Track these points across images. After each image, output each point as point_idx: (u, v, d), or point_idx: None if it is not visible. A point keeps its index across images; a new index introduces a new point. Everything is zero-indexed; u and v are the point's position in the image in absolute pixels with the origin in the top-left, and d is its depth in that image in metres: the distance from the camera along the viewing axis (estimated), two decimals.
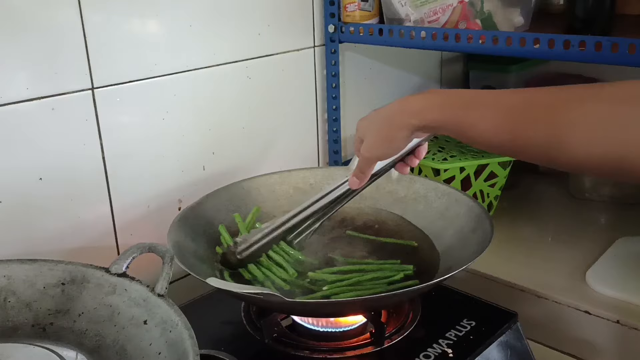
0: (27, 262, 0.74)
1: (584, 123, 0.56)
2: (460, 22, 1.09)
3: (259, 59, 1.13)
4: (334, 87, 1.25)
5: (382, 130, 0.73)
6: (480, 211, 0.94)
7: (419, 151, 0.80)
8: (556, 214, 1.30)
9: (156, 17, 0.97)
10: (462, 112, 0.65)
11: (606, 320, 0.94)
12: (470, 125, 0.64)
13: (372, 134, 0.74)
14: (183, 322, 0.67)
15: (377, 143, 0.74)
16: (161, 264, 0.73)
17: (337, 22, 1.18)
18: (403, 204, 1.05)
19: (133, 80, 0.95)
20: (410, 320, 0.91)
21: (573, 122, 0.56)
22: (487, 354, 0.86)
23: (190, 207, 0.98)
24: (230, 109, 1.11)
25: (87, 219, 0.94)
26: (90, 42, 0.89)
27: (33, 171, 0.88)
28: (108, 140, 0.94)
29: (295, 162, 1.21)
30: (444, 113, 0.66)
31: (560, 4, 1.30)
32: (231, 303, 0.93)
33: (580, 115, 0.56)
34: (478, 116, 0.63)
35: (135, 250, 0.74)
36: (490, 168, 1.16)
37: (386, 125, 0.72)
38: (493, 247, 0.84)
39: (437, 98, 0.68)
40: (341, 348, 0.86)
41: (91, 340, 0.71)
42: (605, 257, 1.07)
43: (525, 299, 1.01)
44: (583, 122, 0.56)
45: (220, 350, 0.85)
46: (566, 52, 0.92)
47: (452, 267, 0.85)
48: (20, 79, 0.84)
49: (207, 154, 1.09)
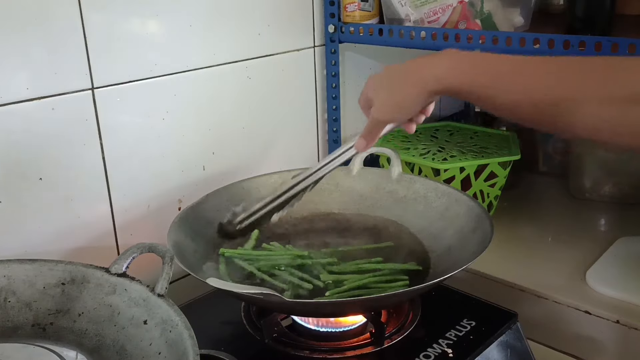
0: (27, 262, 0.74)
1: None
2: (460, 22, 1.09)
3: (259, 59, 1.13)
4: (334, 87, 1.25)
5: (397, 93, 0.69)
6: (480, 211, 0.94)
7: (427, 109, 0.76)
8: (556, 214, 1.30)
9: (156, 17, 0.97)
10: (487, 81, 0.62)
11: (606, 320, 0.94)
12: (494, 95, 0.62)
13: (385, 97, 0.71)
14: (183, 322, 0.67)
15: (390, 107, 0.70)
16: (161, 264, 0.73)
17: (337, 22, 1.18)
18: (403, 204, 1.05)
19: (133, 80, 0.95)
20: (410, 320, 0.90)
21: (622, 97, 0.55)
22: (487, 354, 0.86)
23: (190, 207, 0.98)
24: (230, 109, 1.11)
25: (87, 219, 0.94)
26: (90, 42, 0.89)
27: (33, 171, 0.87)
28: (108, 140, 0.94)
29: (295, 162, 1.21)
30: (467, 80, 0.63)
31: (560, 4, 1.30)
32: (231, 303, 0.93)
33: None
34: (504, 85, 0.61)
35: (135, 250, 0.74)
36: (490, 168, 1.16)
37: (401, 89, 0.68)
38: (493, 247, 0.83)
39: (460, 63, 0.65)
40: (341, 348, 0.86)
41: (91, 340, 0.71)
42: (605, 257, 1.07)
43: (525, 299, 1.01)
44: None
45: (220, 350, 0.85)
46: (566, 52, 0.92)
47: (452, 267, 0.85)
48: (20, 79, 0.84)
49: (207, 154, 1.09)
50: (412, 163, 1.19)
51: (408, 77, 0.68)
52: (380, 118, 0.73)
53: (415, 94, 0.67)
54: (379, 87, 0.72)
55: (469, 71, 0.64)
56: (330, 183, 1.07)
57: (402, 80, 0.69)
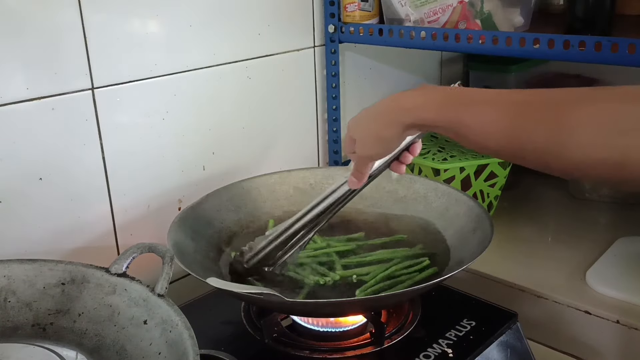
0: (27, 262, 0.74)
1: (586, 125, 0.54)
2: (460, 22, 1.09)
3: (259, 59, 1.13)
4: (334, 87, 1.25)
5: (374, 129, 0.71)
6: (480, 211, 0.94)
7: (413, 148, 0.78)
8: (556, 214, 1.30)
9: (156, 17, 0.97)
10: (459, 112, 0.63)
11: (606, 320, 0.94)
12: (466, 125, 0.62)
13: (364, 133, 0.72)
14: (183, 322, 0.67)
15: (370, 142, 0.72)
16: (161, 264, 0.73)
17: (337, 22, 1.18)
18: (403, 204, 1.05)
19: (133, 80, 0.95)
20: (410, 320, 0.91)
21: (574, 124, 0.55)
22: (487, 354, 0.86)
23: (190, 207, 0.98)
24: (230, 109, 1.11)
25: (87, 219, 0.94)
26: (90, 42, 0.89)
27: (33, 171, 0.88)
28: (108, 140, 0.94)
29: (295, 162, 1.21)
30: (439, 112, 0.64)
31: (560, 4, 1.30)
32: (231, 303, 0.93)
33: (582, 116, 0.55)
34: (475, 116, 0.61)
35: (135, 250, 0.74)
36: (490, 168, 1.16)
37: (378, 124, 0.70)
38: (493, 247, 0.83)
39: (433, 95, 0.66)
40: (341, 348, 0.86)
41: (91, 340, 0.71)
42: (605, 257, 1.07)
43: (525, 299, 1.01)
44: (585, 123, 0.54)
45: (220, 350, 0.85)
46: (566, 52, 0.92)
47: (452, 267, 0.85)
48: (20, 79, 0.84)
49: (207, 154, 1.09)
50: (412, 163, 1.18)
51: (385, 114, 0.70)
52: (362, 154, 0.75)
53: (392, 128, 0.69)
54: (358, 126, 0.74)
55: (437, 102, 0.65)
56: (331, 183, 1.06)
57: (378, 116, 0.70)
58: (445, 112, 0.64)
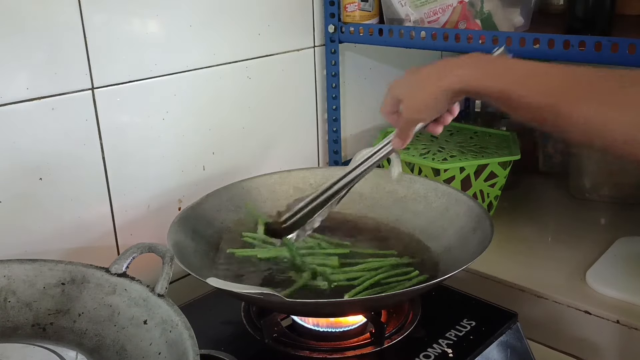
0: (27, 262, 0.74)
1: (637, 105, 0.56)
2: (460, 22, 1.09)
3: (259, 59, 1.13)
4: (334, 87, 1.25)
5: (424, 93, 0.72)
6: (480, 211, 0.94)
7: (453, 109, 0.79)
8: (556, 214, 1.30)
9: (156, 17, 0.97)
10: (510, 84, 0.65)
11: (606, 320, 0.94)
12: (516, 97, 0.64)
13: (413, 96, 0.74)
14: (183, 322, 0.67)
15: (418, 105, 0.74)
16: (161, 264, 0.73)
17: (337, 22, 1.18)
18: (403, 204, 1.05)
19: (133, 80, 0.95)
20: (410, 320, 0.90)
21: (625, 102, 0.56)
22: (487, 354, 0.86)
23: (190, 207, 0.98)
24: (230, 109, 1.11)
25: (87, 219, 0.94)
26: (90, 42, 0.89)
27: (33, 171, 0.88)
28: (108, 140, 0.94)
29: (295, 162, 1.21)
30: (491, 82, 0.66)
31: (560, 4, 1.30)
32: (231, 303, 0.93)
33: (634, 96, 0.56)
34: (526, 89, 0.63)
35: (135, 250, 0.74)
36: (490, 168, 1.16)
37: (428, 89, 0.72)
38: (493, 247, 0.84)
39: (484, 65, 0.68)
40: (341, 348, 0.86)
41: (91, 340, 0.71)
42: (605, 257, 1.07)
43: (525, 299, 1.01)
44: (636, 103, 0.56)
45: (220, 350, 0.85)
46: (566, 52, 0.92)
47: (452, 267, 0.85)
48: (20, 79, 0.84)
49: (207, 154, 1.09)
50: (412, 163, 1.19)
51: (435, 78, 0.72)
52: (410, 116, 0.76)
53: (442, 93, 0.71)
54: (407, 88, 0.75)
55: (495, 74, 0.67)
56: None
57: (429, 81, 0.72)
58: (497, 83, 0.66)
